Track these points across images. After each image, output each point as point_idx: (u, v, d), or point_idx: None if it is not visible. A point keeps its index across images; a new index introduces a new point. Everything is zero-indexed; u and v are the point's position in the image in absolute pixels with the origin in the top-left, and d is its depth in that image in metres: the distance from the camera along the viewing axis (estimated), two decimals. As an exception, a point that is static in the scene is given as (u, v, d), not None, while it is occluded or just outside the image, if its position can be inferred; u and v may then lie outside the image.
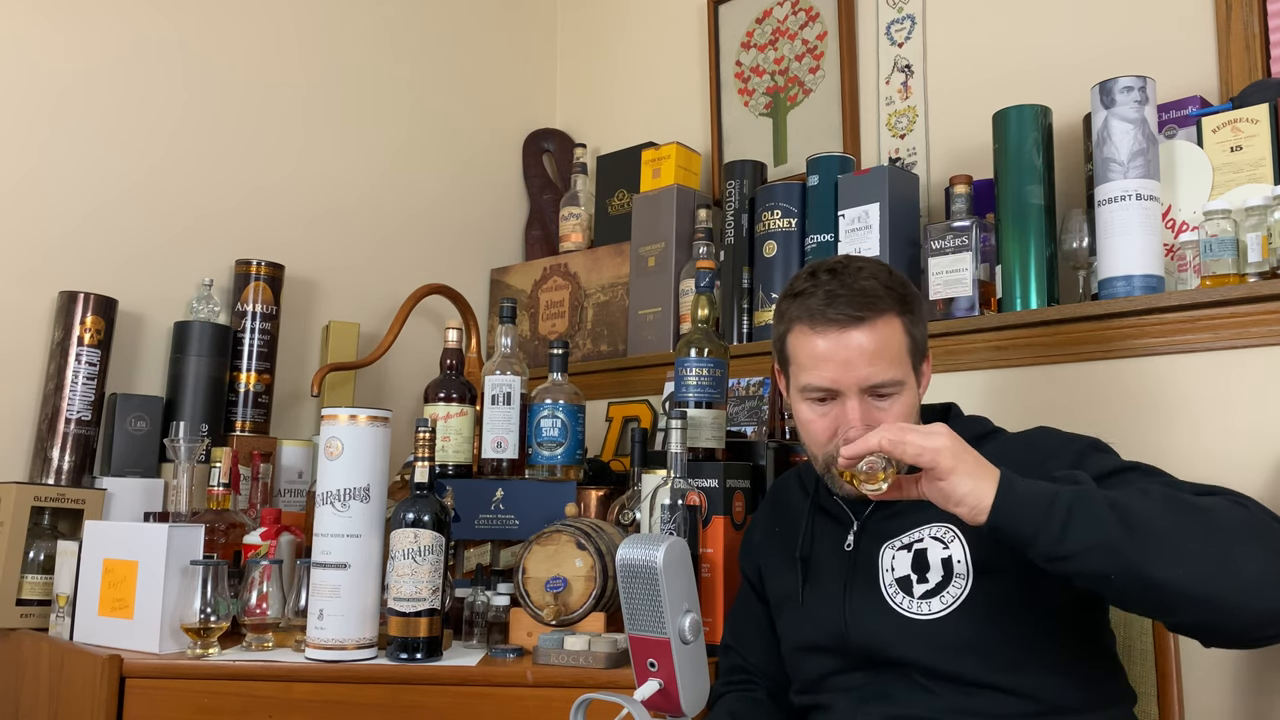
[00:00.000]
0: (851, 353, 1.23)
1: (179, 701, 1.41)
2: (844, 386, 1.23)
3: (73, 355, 1.83)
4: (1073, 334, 1.70)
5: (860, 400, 1.23)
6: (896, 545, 1.25)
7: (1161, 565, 0.98)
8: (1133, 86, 1.64)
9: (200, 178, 2.12)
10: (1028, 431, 1.30)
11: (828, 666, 1.28)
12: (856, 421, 1.22)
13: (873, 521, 1.29)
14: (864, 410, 1.23)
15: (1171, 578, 0.97)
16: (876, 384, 1.23)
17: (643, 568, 1.00)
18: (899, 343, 1.25)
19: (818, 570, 1.32)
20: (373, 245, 2.41)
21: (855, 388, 1.23)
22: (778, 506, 1.46)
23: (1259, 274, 1.53)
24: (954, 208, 1.83)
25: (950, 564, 1.20)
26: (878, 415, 1.24)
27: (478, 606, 1.63)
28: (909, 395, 1.26)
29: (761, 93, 2.38)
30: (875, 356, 1.22)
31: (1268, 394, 1.55)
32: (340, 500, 1.48)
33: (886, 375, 1.23)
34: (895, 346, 1.24)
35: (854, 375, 1.22)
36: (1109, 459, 1.20)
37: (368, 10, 2.44)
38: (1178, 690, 1.35)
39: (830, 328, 1.24)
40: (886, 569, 1.24)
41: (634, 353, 2.28)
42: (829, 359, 1.24)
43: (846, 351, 1.23)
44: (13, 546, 1.66)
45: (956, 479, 1.03)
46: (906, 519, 1.26)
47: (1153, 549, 0.98)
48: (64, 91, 1.95)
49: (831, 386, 1.24)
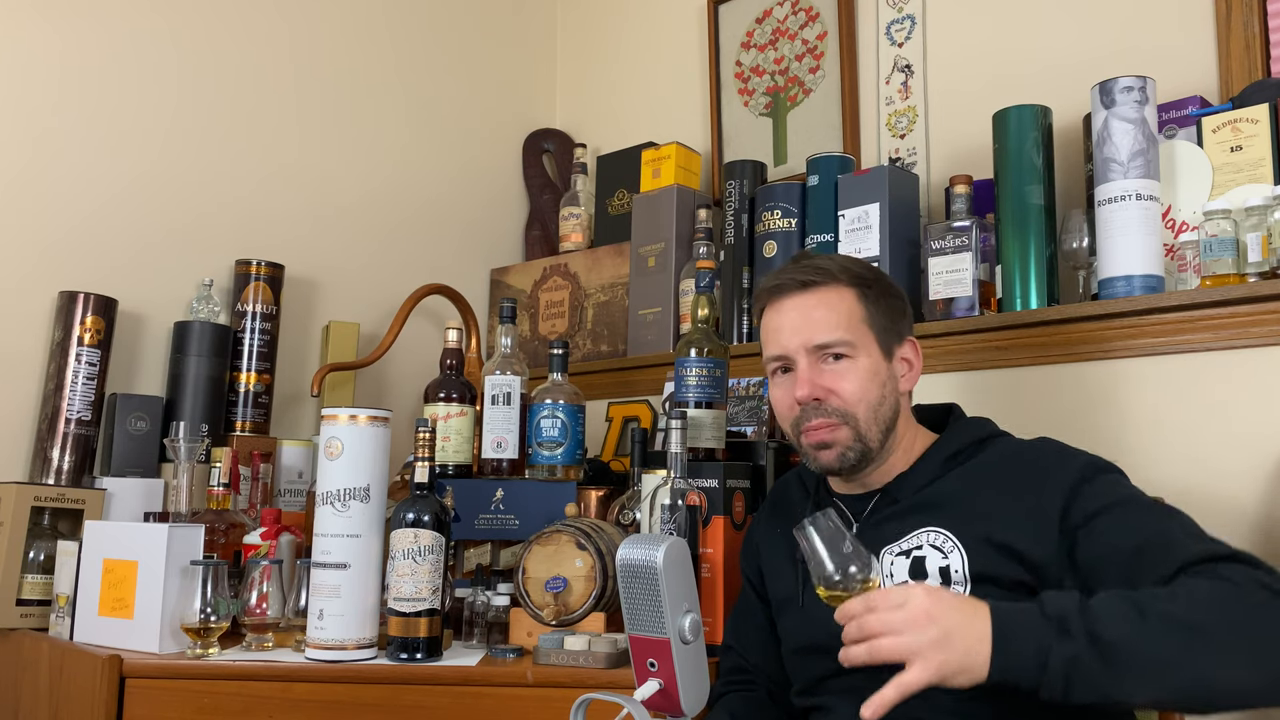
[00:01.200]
0: (796, 315, 1.30)
1: (179, 701, 1.41)
2: (792, 349, 1.29)
3: (73, 355, 1.83)
4: (1073, 334, 1.70)
5: (809, 361, 1.28)
6: (895, 551, 1.25)
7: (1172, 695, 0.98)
8: (1133, 86, 1.64)
9: (200, 178, 2.12)
10: (1030, 442, 1.29)
11: (827, 668, 1.27)
12: (803, 379, 1.27)
13: (871, 524, 1.30)
14: (813, 371, 1.28)
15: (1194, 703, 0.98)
16: (821, 343, 1.27)
17: (643, 568, 1.00)
18: (848, 309, 1.29)
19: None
20: (373, 245, 2.41)
21: (802, 348, 1.28)
22: (778, 507, 1.46)
23: (1259, 274, 1.53)
24: (954, 208, 1.83)
25: (949, 573, 1.20)
26: (829, 377, 1.27)
27: (478, 606, 1.63)
28: (865, 363, 1.28)
29: (761, 93, 2.38)
30: (821, 319, 1.28)
31: (1268, 394, 1.55)
32: (340, 500, 1.48)
33: (831, 335, 1.27)
34: (843, 311, 1.29)
35: (799, 337, 1.29)
36: (1107, 488, 1.17)
37: (368, 10, 2.44)
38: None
39: (779, 296, 1.32)
40: (886, 574, 1.25)
41: (634, 353, 2.28)
42: (779, 327, 1.31)
43: (792, 314, 1.30)
44: (13, 546, 1.66)
45: (947, 669, 0.98)
46: (905, 522, 1.26)
47: (1158, 682, 0.96)
48: (63, 91, 1.95)
49: (783, 352, 1.30)
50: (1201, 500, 1.59)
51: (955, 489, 1.25)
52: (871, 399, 1.27)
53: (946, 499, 1.24)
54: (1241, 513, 1.56)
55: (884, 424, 1.28)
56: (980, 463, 1.26)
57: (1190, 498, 1.59)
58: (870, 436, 1.27)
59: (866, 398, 1.27)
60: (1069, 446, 1.25)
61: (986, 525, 1.19)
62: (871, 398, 1.27)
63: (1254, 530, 1.55)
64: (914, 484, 1.29)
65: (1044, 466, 1.21)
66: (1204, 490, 1.59)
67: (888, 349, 1.31)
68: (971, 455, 1.28)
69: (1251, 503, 1.55)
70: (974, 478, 1.25)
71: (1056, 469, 1.20)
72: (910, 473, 1.30)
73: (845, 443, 1.27)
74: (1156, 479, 1.60)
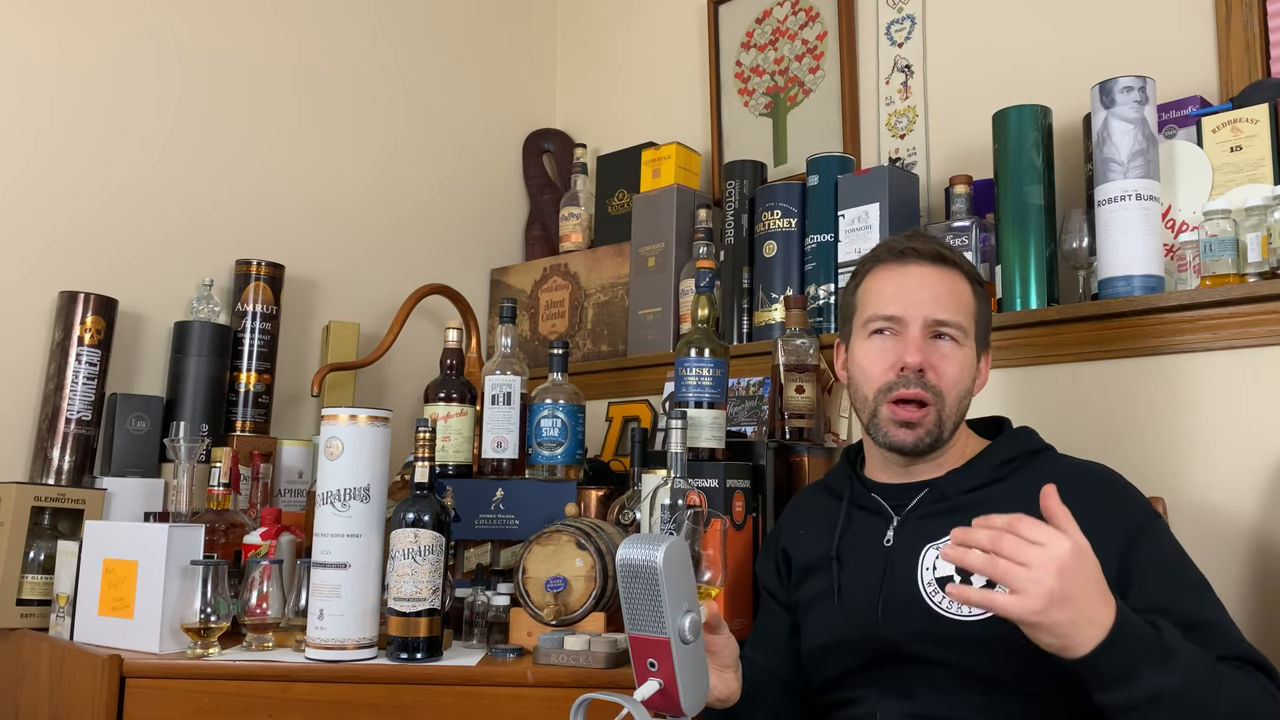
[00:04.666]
0: (924, 284, 1.29)
1: (179, 701, 1.41)
2: (910, 315, 1.28)
3: (73, 355, 1.83)
4: (1073, 334, 1.70)
5: (925, 333, 1.28)
6: (939, 546, 1.24)
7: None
8: (1133, 86, 1.64)
9: (201, 178, 2.12)
10: (1087, 466, 1.28)
11: (852, 663, 1.27)
12: (915, 346, 1.26)
13: (913, 519, 1.28)
14: (925, 343, 1.27)
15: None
16: (941, 319, 1.28)
17: (643, 568, 1.00)
18: (967, 298, 1.31)
19: (852, 566, 1.31)
20: (373, 245, 2.41)
21: (920, 317, 1.28)
22: (803, 513, 1.45)
23: (1259, 274, 1.53)
24: (954, 208, 1.83)
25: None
26: (939, 357, 1.28)
27: (478, 606, 1.63)
28: (967, 353, 1.29)
29: (761, 93, 2.38)
30: (946, 297, 1.29)
31: (1268, 394, 1.55)
32: (340, 500, 1.48)
33: (951, 314, 1.28)
34: (963, 297, 1.30)
35: (922, 307, 1.28)
36: (1162, 542, 1.19)
37: (368, 10, 2.44)
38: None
39: (906, 260, 1.31)
40: (927, 568, 1.23)
41: (634, 353, 2.28)
42: (899, 288, 1.30)
43: (921, 281, 1.29)
44: (13, 546, 1.66)
45: (1042, 621, 0.97)
46: (949, 521, 1.23)
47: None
48: (63, 92, 1.95)
49: (898, 313, 1.29)
50: (1202, 500, 1.59)
51: (1006, 496, 1.23)
52: (963, 388, 1.29)
53: (997, 504, 1.21)
54: (1242, 513, 1.56)
55: (960, 415, 1.30)
56: (1033, 477, 1.24)
57: (1190, 498, 1.59)
58: (948, 424, 1.28)
59: (960, 385, 1.28)
60: (1125, 481, 1.25)
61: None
62: (964, 386, 1.29)
63: (1253, 530, 1.55)
64: (965, 484, 1.28)
65: (1110, 492, 1.22)
66: (1204, 490, 1.59)
67: (979, 349, 1.33)
68: (1024, 465, 1.28)
69: (1252, 503, 1.55)
70: (1027, 490, 1.21)
71: (1123, 500, 1.21)
72: (962, 471, 1.29)
73: (930, 424, 1.27)
74: (1156, 479, 1.60)
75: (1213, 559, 1.55)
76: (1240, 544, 1.55)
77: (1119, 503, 1.21)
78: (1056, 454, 1.31)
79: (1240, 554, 1.55)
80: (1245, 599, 1.53)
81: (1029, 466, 1.28)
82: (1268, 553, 1.53)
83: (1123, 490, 1.24)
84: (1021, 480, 1.26)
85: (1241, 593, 1.53)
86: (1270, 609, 1.52)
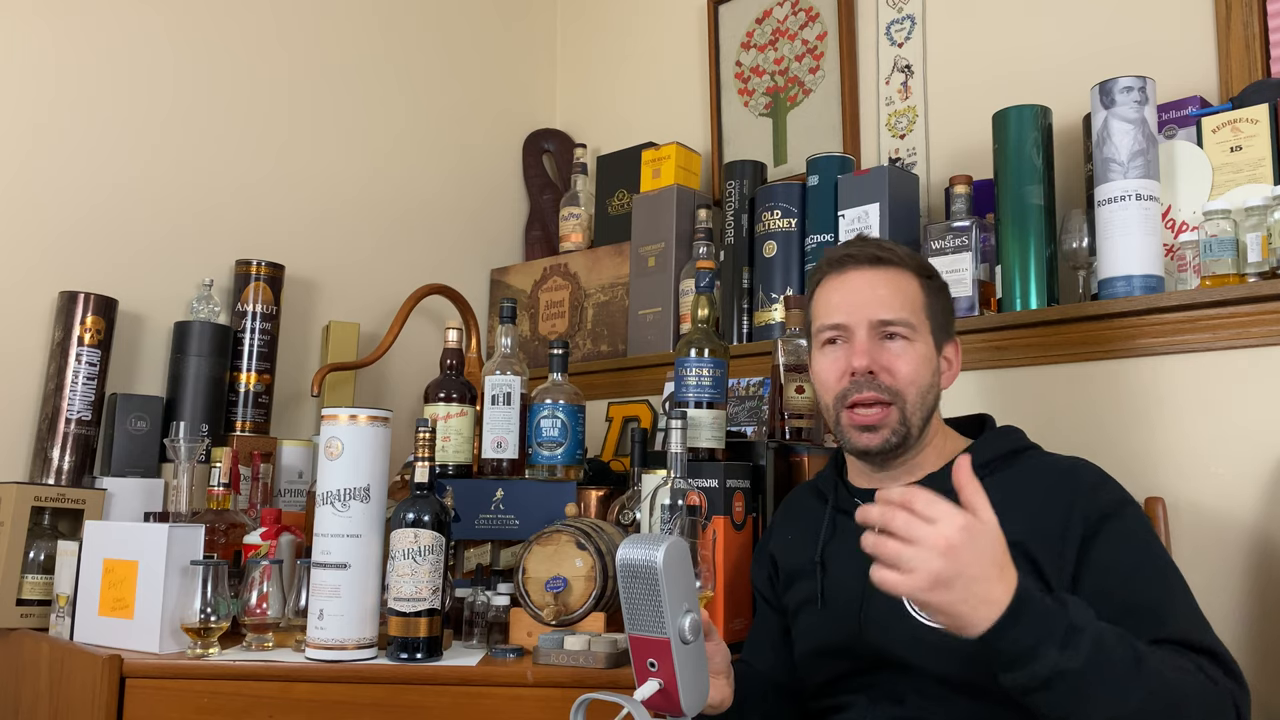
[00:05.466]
0: (863, 288, 1.30)
1: (179, 701, 1.41)
2: (854, 320, 1.29)
3: (73, 355, 1.83)
4: (1073, 334, 1.70)
5: (871, 336, 1.28)
6: None
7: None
8: (1133, 87, 1.64)
9: (201, 178, 2.12)
10: (1067, 460, 1.27)
11: (842, 668, 1.27)
12: (861, 349, 1.26)
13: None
14: (872, 346, 1.27)
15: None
16: (885, 319, 1.27)
17: (642, 568, 1.00)
18: (913, 293, 1.30)
19: (836, 572, 1.31)
20: (373, 245, 2.41)
21: (864, 321, 1.28)
22: (791, 515, 1.45)
23: (1259, 274, 1.53)
24: (954, 208, 1.83)
25: None
26: (888, 356, 1.27)
27: (478, 606, 1.63)
28: (921, 348, 1.29)
29: (761, 93, 2.38)
30: (887, 296, 1.28)
31: (1268, 394, 1.55)
32: (340, 500, 1.48)
33: (896, 314, 1.27)
34: (909, 294, 1.29)
35: (864, 311, 1.28)
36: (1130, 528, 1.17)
37: (368, 10, 2.44)
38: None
39: (847, 266, 1.32)
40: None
41: (634, 353, 2.28)
42: (842, 297, 1.31)
43: (858, 287, 1.30)
44: (13, 546, 1.66)
45: (930, 599, 0.95)
46: None
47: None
48: (62, 91, 1.95)
49: (842, 320, 1.29)
50: (1201, 501, 1.59)
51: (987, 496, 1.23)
52: (922, 384, 1.28)
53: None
54: (1241, 513, 1.56)
55: (926, 410, 1.29)
56: (1014, 475, 1.25)
57: (1189, 498, 1.59)
58: (914, 421, 1.27)
59: (918, 381, 1.27)
60: (1105, 473, 1.24)
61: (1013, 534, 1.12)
62: (923, 382, 1.28)
63: (1253, 530, 1.55)
64: (943, 487, 1.25)
65: (1080, 486, 1.21)
66: (1204, 491, 1.59)
67: (938, 342, 1.32)
68: (1005, 466, 1.27)
69: (1252, 503, 1.55)
70: (1006, 489, 1.21)
71: (1092, 491, 1.20)
72: (940, 474, 1.28)
73: (893, 424, 1.26)
74: (1156, 480, 1.60)
75: (1212, 560, 1.56)
76: (1240, 544, 1.55)
77: (1087, 490, 1.20)
78: (1040, 453, 1.30)
79: (1240, 554, 1.55)
80: (1244, 599, 1.53)
81: (1011, 467, 1.26)
82: (1267, 553, 1.53)
83: (1096, 481, 1.22)
84: (1000, 481, 1.24)
85: (1241, 593, 1.53)
86: (1270, 609, 1.51)
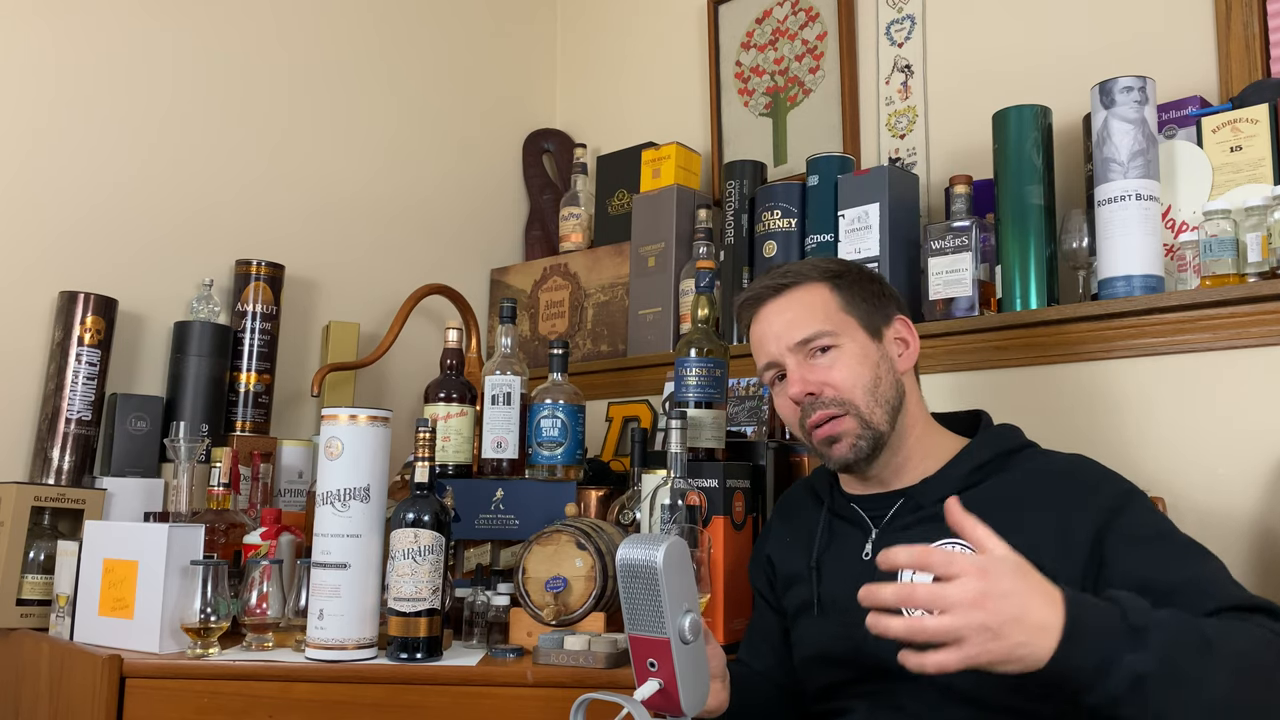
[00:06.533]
0: (775, 319, 1.32)
1: (179, 701, 1.41)
2: (778, 353, 1.31)
3: (73, 355, 1.83)
4: (1073, 334, 1.70)
5: (798, 360, 1.29)
6: None
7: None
8: (1133, 87, 1.64)
9: (201, 177, 2.12)
10: (1065, 457, 1.26)
11: (842, 675, 1.26)
12: (794, 378, 1.27)
13: (891, 530, 1.27)
14: (803, 369, 1.28)
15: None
16: (802, 339, 1.28)
17: (642, 568, 1.00)
18: (822, 302, 1.30)
19: (833, 578, 1.30)
20: (373, 245, 2.41)
21: (786, 349, 1.30)
22: (788, 516, 1.44)
23: (1259, 274, 1.53)
24: (954, 208, 1.83)
25: None
26: (819, 371, 1.28)
27: (478, 606, 1.63)
28: (851, 348, 1.28)
29: (761, 93, 2.38)
30: (796, 317, 1.30)
31: (1268, 394, 1.55)
32: (340, 500, 1.48)
33: (809, 330, 1.28)
34: (817, 304, 1.30)
35: (782, 340, 1.30)
36: (1145, 517, 1.16)
37: (367, 9, 2.44)
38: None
39: (756, 306, 1.35)
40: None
41: (634, 353, 2.28)
42: (762, 335, 1.33)
43: (771, 319, 1.32)
44: (13, 546, 1.66)
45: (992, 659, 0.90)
46: (929, 531, 1.22)
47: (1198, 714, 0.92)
48: (62, 91, 1.95)
49: (771, 359, 1.32)
50: (1201, 501, 1.59)
51: (984, 502, 1.19)
52: (865, 381, 1.26)
53: (974, 511, 1.20)
54: (1242, 513, 1.56)
55: (887, 404, 1.27)
56: (1011, 476, 1.23)
57: (1190, 498, 1.59)
58: (876, 420, 1.26)
59: (860, 381, 1.26)
60: (1106, 467, 1.23)
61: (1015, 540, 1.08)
62: (865, 380, 1.26)
63: (1254, 530, 1.55)
64: (939, 492, 1.24)
65: (1081, 485, 1.18)
66: (1204, 491, 1.59)
67: (874, 330, 1.30)
68: (1001, 466, 1.25)
69: (1252, 503, 1.55)
70: (1005, 492, 1.21)
71: (1093, 490, 1.18)
72: (936, 479, 1.27)
73: (853, 431, 1.25)
74: (1156, 479, 1.60)
75: (1213, 559, 1.56)
76: (1240, 544, 1.55)
77: (1090, 488, 1.18)
78: (1036, 451, 1.28)
79: (1240, 554, 1.55)
80: (1245, 599, 1.53)
81: (1007, 467, 1.25)
82: (1268, 553, 1.53)
83: (1097, 477, 1.21)
84: (998, 483, 1.23)
85: (1241, 593, 1.53)
86: (1270, 609, 1.52)
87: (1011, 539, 1.01)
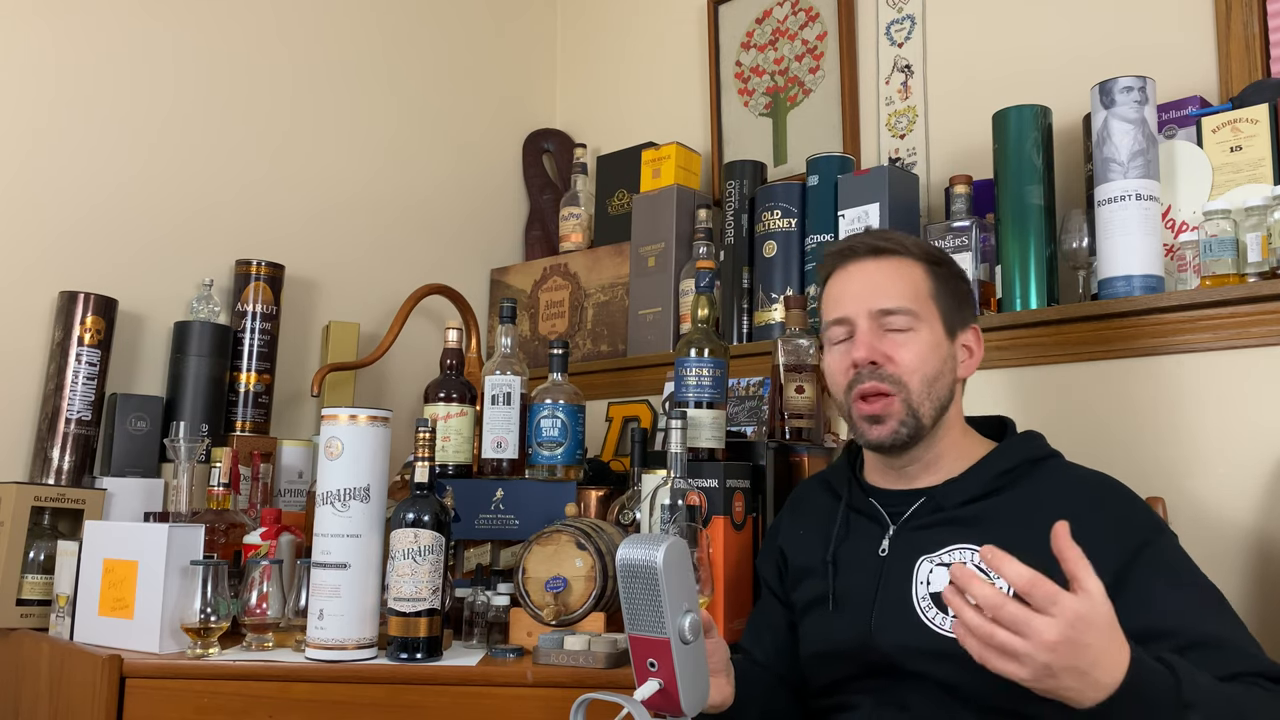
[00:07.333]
0: (863, 280, 1.29)
1: (179, 701, 1.41)
2: (854, 312, 1.28)
3: (73, 355, 1.83)
4: (1073, 334, 1.70)
5: (871, 326, 1.26)
6: (935, 561, 1.21)
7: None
8: (1133, 87, 1.64)
9: (200, 177, 2.12)
10: (1090, 476, 1.24)
11: (849, 670, 1.26)
12: (863, 341, 1.25)
13: (909, 529, 1.26)
14: (873, 335, 1.26)
15: None
16: (886, 308, 1.26)
17: (642, 568, 1.00)
18: (917, 280, 1.28)
19: (848, 573, 1.29)
20: (373, 245, 2.41)
21: (865, 312, 1.27)
22: (801, 510, 1.43)
23: (1259, 274, 1.53)
24: (954, 208, 1.83)
25: None
26: (888, 344, 1.25)
27: (478, 606, 1.63)
28: (927, 335, 1.26)
29: (761, 93, 2.38)
30: (888, 285, 1.27)
31: (1268, 394, 1.55)
32: (340, 500, 1.48)
33: (896, 302, 1.26)
34: (911, 281, 1.27)
35: (864, 302, 1.27)
36: (1168, 556, 1.15)
37: (368, 9, 2.44)
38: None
39: (847, 260, 1.31)
40: (921, 581, 1.21)
41: (634, 353, 2.28)
42: (843, 291, 1.30)
43: (860, 279, 1.29)
44: (13, 546, 1.66)
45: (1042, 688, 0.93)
46: (947, 534, 1.22)
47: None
48: (62, 91, 1.95)
49: (846, 315, 1.28)
50: (1202, 501, 1.59)
51: (1005, 510, 1.20)
52: (929, 371, 1.25)
53: (995, 519, 1.20)
54: (1242, 513, 1.56)
55: (937, 401, 1.25)
56: (1035, 488, 1.22)
57: (1190, 498, 1.59)
58: (923, 411, 1.24)
59: (924, 369, 1.24)
60: (1132, 493, 1.22)
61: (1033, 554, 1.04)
62: (929, 370, 1.25)
63: (1254, 530, 1.55)
64: (961, 495, 1.24)
65: (1107, 512, 1.17)
66: (1204, 491, 1.59)
67: (950, 329, 1.29)
68: (1025, 475, 1.24)
69: (1253, 502, 1.55)
70: (1027, 503, 1.20)
71: (1121, 521, 1.16)
72: (959, 481, 1.26)
73: (898, 416, 1.24)
74: (1156, 479, 1.60)
75: (1212, 559, 1.55)
76: (1240, 544, 1.55)
77: (1120, 516, 1.17)
78: (1061, 462, 1.27)
79: (1240, 554, 1.55)
80: (1245, 599, 1.53)
81: (1030, 476, 1.24)
82: (1268, 553, 1.53)
83: (1127, 503, 1.20)
84: (1021, 492, 1.22)
85: (1241, 593, 1.53)
86: (1270, 609, 1.52)
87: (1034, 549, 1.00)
